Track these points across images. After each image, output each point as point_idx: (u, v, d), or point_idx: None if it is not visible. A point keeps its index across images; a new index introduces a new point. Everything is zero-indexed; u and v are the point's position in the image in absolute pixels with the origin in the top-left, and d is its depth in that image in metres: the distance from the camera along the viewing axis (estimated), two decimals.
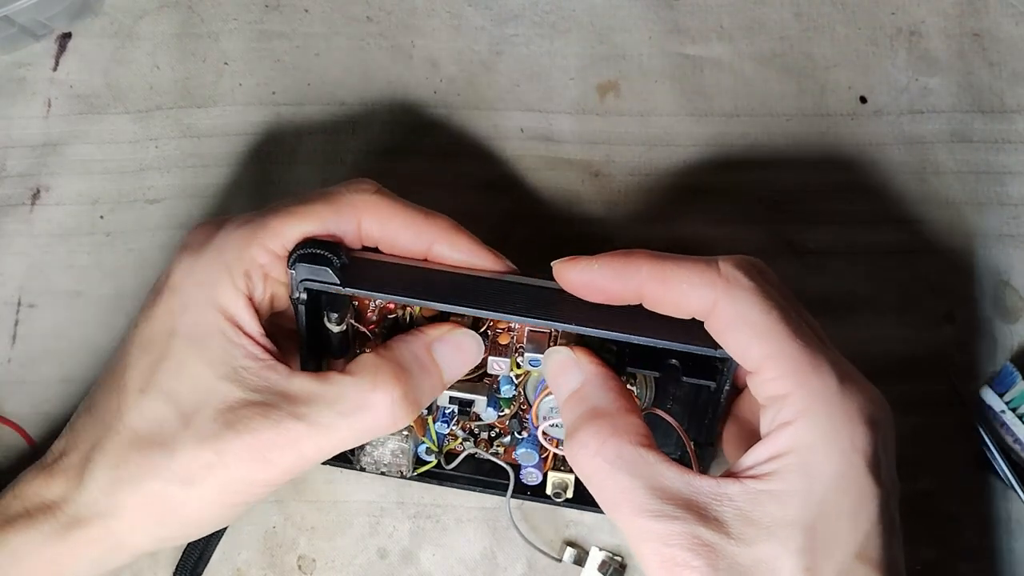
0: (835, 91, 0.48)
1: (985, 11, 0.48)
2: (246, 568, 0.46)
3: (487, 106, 0.48)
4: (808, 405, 0.33)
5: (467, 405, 0.41)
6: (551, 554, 0.44)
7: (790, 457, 0.32)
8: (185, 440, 0.36)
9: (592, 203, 0.47)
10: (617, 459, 0.34)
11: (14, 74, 0.49)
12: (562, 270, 0.36)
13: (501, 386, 0.41)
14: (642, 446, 0.34)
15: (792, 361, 0.33)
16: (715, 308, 0.34)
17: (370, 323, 0.40)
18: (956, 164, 0.47)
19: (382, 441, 0.42)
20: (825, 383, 0.33)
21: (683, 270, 0.34)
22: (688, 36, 0.48)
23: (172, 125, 0.48)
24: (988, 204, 0.47)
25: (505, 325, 0.40)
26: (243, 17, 0.49)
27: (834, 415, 0.32)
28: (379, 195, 0.39)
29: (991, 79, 0.48)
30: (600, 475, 0.34)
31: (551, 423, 0.40)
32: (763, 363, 0.33)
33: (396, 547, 0.46)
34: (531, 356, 0.39)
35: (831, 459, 0.32)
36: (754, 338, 0.33)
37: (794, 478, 0.32)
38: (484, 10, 0.49)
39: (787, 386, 0.33)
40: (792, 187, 0.47)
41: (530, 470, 0.43)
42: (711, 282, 0.34)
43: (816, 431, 0.32)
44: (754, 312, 0.33)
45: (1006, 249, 0.47)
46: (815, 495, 0.32)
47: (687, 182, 0.47)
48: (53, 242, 0.47)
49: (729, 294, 0.34)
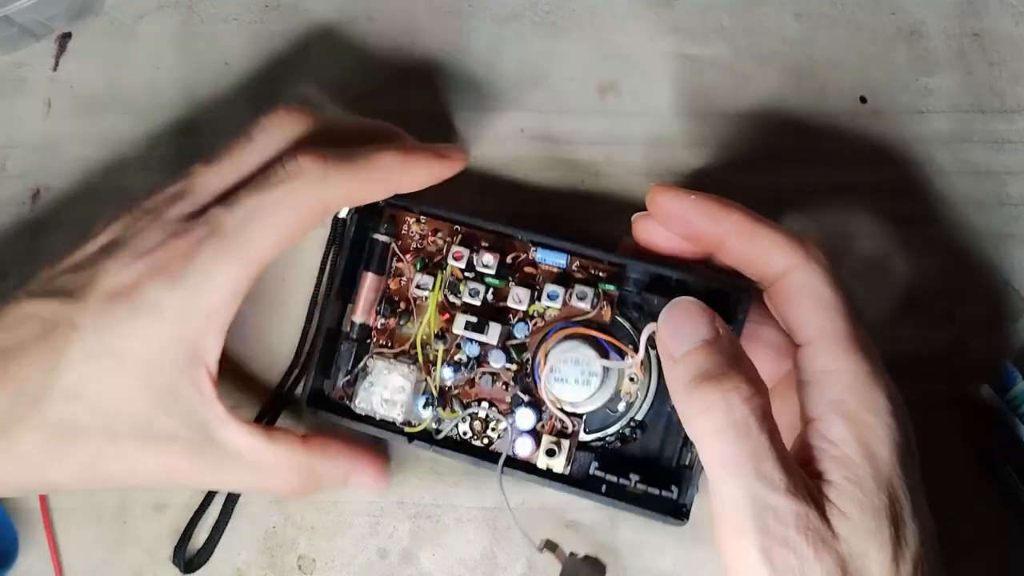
0: (835, 91, 0.48)
1: (985, 11, 0.48)
2: (246, 568, 0.46)
3: (487, 106, 0.48)
4: (859, 384, 0.34)
5: (481, 331, 0.42)
6: (534, 542, 0.43)
7: (855, 444, 0.34)
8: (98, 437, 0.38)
9: (592, 203, 0.47)
10: (745, 425, 0.33)
11: (14, 74, 0.49)
12: (657, 192, 0.39)
13: (515, 330, 0.43)
14: (769, 415, 0.34)
15: (847, 340, 0.35)
16: (788, 274, 0.36)
17: (408, 251, 0.44)
18: (956, 164, 0.47)
19: (385, 370, 0.43)
20: (873, 367, 0.35)
21: (771, 231, 0.37)
22: (688, 36, 0.48)
23: (172, 125, 0.48)
24: (988, 204, 0.47)
25: (529, 258, 0.43)
26: (243, 17, 0.49)
27: (880, 398, 0.34)
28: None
29: (991, 79, 0.48)
30: (725, 436, 0.33)
31: (556, 376, 0.41)
32: (819, 335, 0.35)
33: (396, 547, 0.46)
34: (550, 290, 0.42)
35: (885, 443, 0.34)
36: (817, 311, 0.36)
37: (866, 465, 0.34)
38: (484, 10, 0.49)
39: (837, 362, 0.35)
40: (792, 187, 0.47)
41: (524, 439, 0.43)
42: (794, 250, 0.36)
43: (870, 414, 0.34)
44: (824, 288, 0.36)
45: (1006, 249, 0.47)
46: (883, 481, 0.33)
47: (687, 182, 0.47)
48: (53, 242, 0.47)
49: (807, 265, 0.36)
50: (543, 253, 0.43)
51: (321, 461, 0.42)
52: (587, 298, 0.42)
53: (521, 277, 0.43)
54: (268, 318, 0.47)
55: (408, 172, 0.40)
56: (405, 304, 0.44)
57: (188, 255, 0.37)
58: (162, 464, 0.38)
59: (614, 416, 0.43)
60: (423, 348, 0.44)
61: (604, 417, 0.43)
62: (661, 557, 0.45)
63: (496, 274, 0.43)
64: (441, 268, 0.44)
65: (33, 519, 0.46)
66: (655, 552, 0.45)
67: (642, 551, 0.45)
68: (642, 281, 0.42)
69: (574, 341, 0.42)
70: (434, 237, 0.44)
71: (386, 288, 0.44)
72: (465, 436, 0.44)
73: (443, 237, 0.44)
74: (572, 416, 0.42)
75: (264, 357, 0.47)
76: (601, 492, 0.42)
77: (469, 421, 0.43)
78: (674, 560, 0.45)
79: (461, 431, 0.43)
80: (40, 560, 0.46)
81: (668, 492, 0.41)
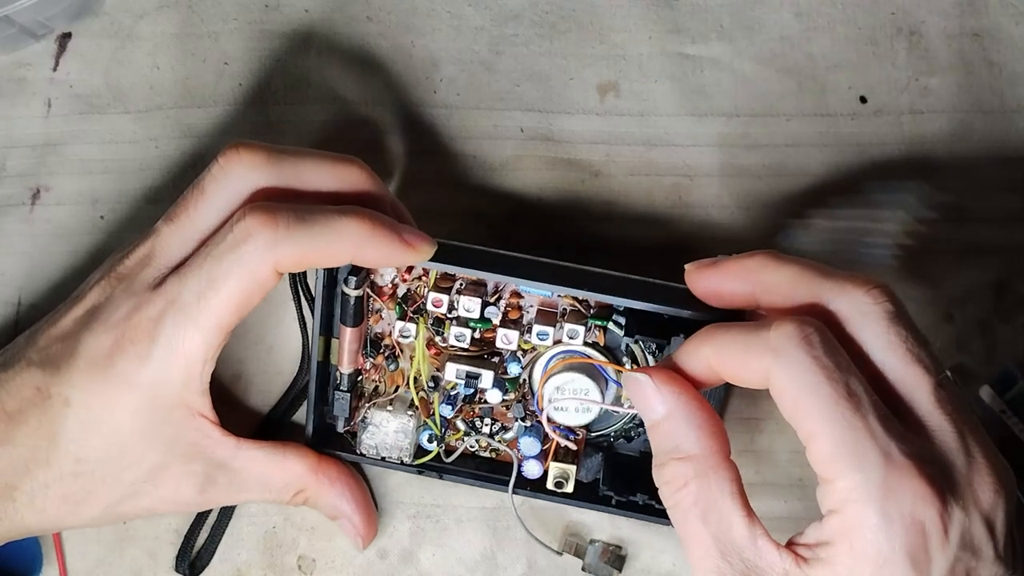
0: (835, 91, 0.48)
1: (985, 11, 0.48)
2: (246, 568, 0.46)
3: (487, 106, 0.48)
4: (848, 498, 0.31)
5: (474, 378, 0.41)
6: (551, 547, 0.44)
7: (835, 547, 0.32)
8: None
9: (592, 203, 0.47)
10: (694, 505, 0.34)
11: (14, 74, 0.48)
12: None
13: (508, 366, 0.42)
14: (725, 491, 0.34)
15: (835, 447, 0.32)
16: (769, 378, 0.33)
17: (384, 295, 0.42)
18: (956, 164, 0.47)
19: (385, 421, 0.43)
20: (866, 477, 0.31)
21: (736, 343, 0.34)
22: (688, 36, 0.48)
23: (172, 125, 0.48)
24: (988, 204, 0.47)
25: (515, 301, 0.42)
26: (243, 17, 0.49)
27: (872, 513, 0.31)
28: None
29: (991, 79, 0.48)
30: (677, 514, 0.34)
31: (555, 406, 0.41)
32: (808, 442, 0.32)
33: (396, 547, 0.46)
34: (539, 330, 0.41)
35: (868, 559, 0.31)
36: (799, 415, 0.32)
37: (843, 570, 0.32)
38: (484, 10, 0.49)
39: (829, 472, 0.32)
40: (792, 187, 0.47)
41: (531, 462, 0.43)
42: (762, 352, 0.33)
43: (857, 528, 0.31)
44: (797, 387, 0.32)
45: (1006, 249, 0.47)
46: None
47: (687, 182, 0.47)
48: (53, 242, 0.47)
49: (777, 365, 0.33)
50: (526, 287, 0.41)
51: (325, 493, 0.43)
52: (579, 336, 0.41)
53: (505, 320, 0.42)
54: (268, 317, 0.47)
55: (369, 249, 0.38)
56: (389, 348, 0.43)
57: (152, 328, 0.38)
58: (180, 499, 0.41)
59: (616, 416, 0.43)
60: (417, 392, 0.43)
61: (606, 416, 0.43)
62: (661, 557, 0.45)
63: (480, 317, 0.41)
64: (421, 313, 0.42)
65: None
66: (655, 552, 0.45)
67: (642, 551, 0.45)
68: (631, 323, 0.41)
69: (571, 373, 0.41)
70: (408, 276, 0.42)
71: (368, 330, 0.43)
72: (472, 448, 0.44)
73: (418, 276, 0.42)
74: (577, 430, 0.43)
75: (264, 356, 0.47)
76: (611, 504, 0.43)
77: (475, 436, 0.44)
78: (674, 560, 0.45)
79: (468, 444, 0.44)
80: (46, 563, 0.46)
81: None
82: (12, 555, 0.44)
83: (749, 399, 0.46)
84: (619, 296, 0.39)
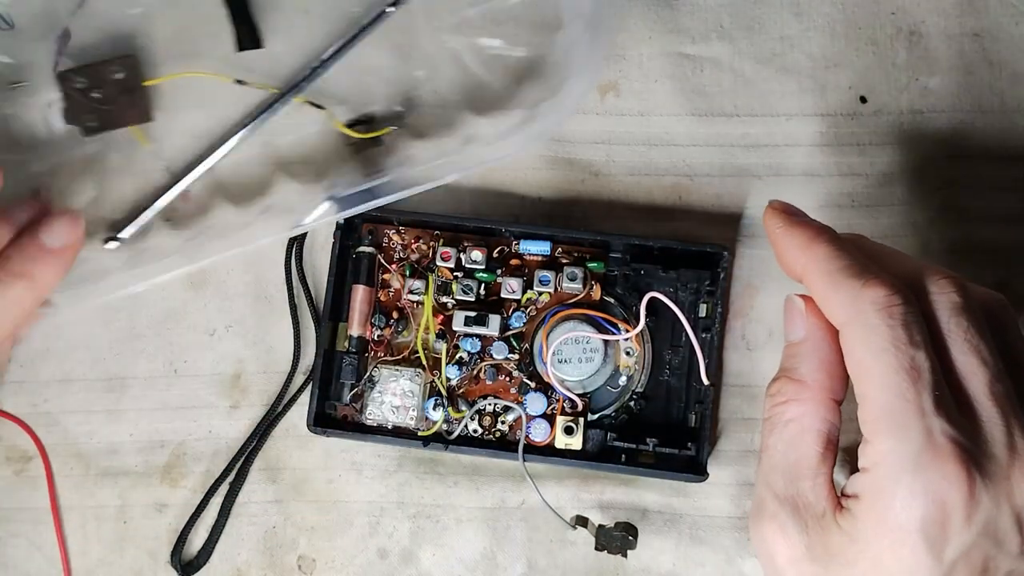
0: (835, 91, 0.48)
1: (985, 11, 0.48)
2: (246, 568, 0.46)
3: (487, 106, 0.48)
4: (880, 461, 0.32)
5: (482, 322, 0.44)
6: (565, 519, 0.43)
7: (861, 504, 0.33)
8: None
9: (592, 203, 0.47)
10: (785, 424, 0.36)
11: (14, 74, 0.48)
12: (765, 213, 0.39)
13: (512, 320, 0.44)
14: (815, 426, 0.35)
15: (882, 411, 0.33)
16: (842, 331, 0.35)
17: (393, 261, 0.45)
18: (955, 163, 0.47)
19: (392, 377, 0.44)
20: (902, 447, 0.32)
21: (831, 276, 0.35)
22: (688, 36, 0.48)
23: None
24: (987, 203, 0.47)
25: (514, 251, 0.45)
26: None
27: (897, 482, 0.32)
28: None
29: (991, 79, 0.48)
30: (767, 426, 0.37)
31: (559, 358, 0.43)
32: (861, 401, 0.34)
33: (396, 547, 0.46)
34: (541, 274, 0.45)
35: (885, 524, 0.32)
36: (859, 374, 0.34)
37: (863, 527, 0.33)
38: (484, 10, 0.49)
39: (870, 432, 0.33)
40: (792, 187, 0.47)
41: (539, 422, 0.44)
42: (845, 303, 0.34)
43: (880, 492, 0.32)
44: (864, 349, 0.33)
45: (1004, 248, 0.47)
46: (870, 554, 0.32)
47: (687, 182, 0.47)
48: None
49: (853, 324, 0.34)
50: (526, 244, 0.45)
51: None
52: (577, 279, 0.44)
53: (509, 270, 0.45)
54: (268, 317, 0.47)
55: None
56: (398, 313, 0.45)
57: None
58: None
59: (616, 392, 0.45)
60: (424, 350, 0.44)
61: (606, 395, 0.45)
62: (661, 557, 0.45)
63: (486, 268, 0.44)
64: (430, 270, 0.45)
65: (43, 519, 0.46)
66: (655, 552, 0.45)
67: (642, 551, 0.45)
68: (624, 258, 0.45)
69: (572, 321, 0.44)
70: (416, 244, 0.45)
71: (376, 300, 0.45)
72: (476, 434, 0.44)
73: (426, 242, 0.45)
74: (580, 396, 0.44)
75: (263, 356, 0.47)
76: (620, 462, 0.44)
77: (478, 419, 0.44)
78: (674, 560, 0.45)
79: (471, 429, 0.44)
80: (46, 562, 0.46)
81: (687, 450, 0.43)
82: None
83: (749, 399, 0.46)
84: (609, 235, 0.44)
